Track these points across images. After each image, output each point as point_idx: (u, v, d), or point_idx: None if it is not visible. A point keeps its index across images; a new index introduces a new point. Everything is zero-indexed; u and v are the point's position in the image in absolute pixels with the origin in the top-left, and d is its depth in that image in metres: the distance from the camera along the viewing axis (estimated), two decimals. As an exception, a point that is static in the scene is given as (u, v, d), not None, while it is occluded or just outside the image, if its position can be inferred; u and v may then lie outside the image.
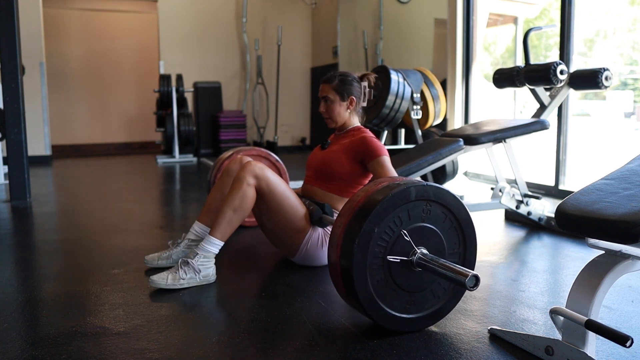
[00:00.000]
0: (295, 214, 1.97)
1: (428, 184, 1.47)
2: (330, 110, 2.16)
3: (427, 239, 1.48)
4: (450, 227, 1.52)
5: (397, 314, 1.46)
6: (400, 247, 1.45)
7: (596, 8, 6.65)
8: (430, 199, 1.46)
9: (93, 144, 8.50)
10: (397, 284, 1.46)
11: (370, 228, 1.39)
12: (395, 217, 1.43)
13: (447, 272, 1.38)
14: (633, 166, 1.32)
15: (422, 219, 1.47)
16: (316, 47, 7.75)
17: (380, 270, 1.44)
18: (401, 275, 1.46)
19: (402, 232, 1.43)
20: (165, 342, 1.45)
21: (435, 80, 4.02)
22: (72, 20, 8.30)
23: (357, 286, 1.40)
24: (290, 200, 1.96)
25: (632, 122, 7.36)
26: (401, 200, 1.42)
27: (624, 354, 1.36)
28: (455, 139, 2.77)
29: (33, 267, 2.21)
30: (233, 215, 1.90)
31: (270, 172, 1.94)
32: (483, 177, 4.58)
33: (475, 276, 1.32)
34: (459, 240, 1.54)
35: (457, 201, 1.51)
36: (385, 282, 1.44)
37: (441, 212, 1.50)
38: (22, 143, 3.71)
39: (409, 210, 1.45)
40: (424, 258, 1.45)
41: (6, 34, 3.60)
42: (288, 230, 1.99)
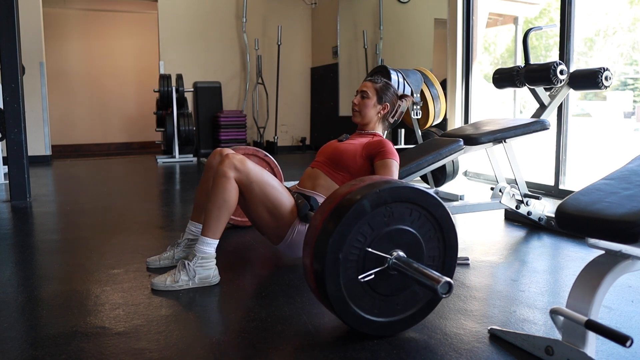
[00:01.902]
0: (281, 204, 1.93)
1: (407, 185, 1.44)
2: (363, 106, 2.22)
3: (404, 241, 1.45)
4: (436, 245, 1.50)
5: (370, 317, 1.43)
6: (385, 241, 1.41)
7: (596, 8, 6.65)
8: (406, 200, 1.42)
9: (93, 144, 8.51)
10: (370, 286, 1.43)
11: (363, 206, 1.36)
12: (389, 209, 1.40)
13: (420, 277, 1.34)
14: (633, 166, 1.32)
15: (414, 224, 1.45)
16: (316, 47, 7.75)
17: (355, 262, 1.40)
18: (376, 277, 1.42)
19: (366, 249, 1.40)
20: (165, 342, 1.45)
21: (435, 80, 4.02)
22: (72, 20, 8.31)
23: (328, 288, 1.37)
24: (274, 190, 1.92)
25: (632, 122, 7.35)
26: (377, 202, 1.38)
27: (624, 354, 1.36)
28: (455, 139, 2.77)
29: (33, 267, 2.21)
30: (219, 211, 1.86)
31: (251, 163, 1.89)
32: (483, 177, 4.58)
33: (448, 283, 1.29)
34: (439, 258, 1.52)
35: (453, 226, 1.49)
36: (358, 284, 1.41)
37: (434, 230, 1.48)
38: (22, 143, 3.71)
39: (406, 209, 1.43)
40: (398, 262, 1.41)
41: (6, 34, 3.60)
42: (274, 219, 1.95)
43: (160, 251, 2.25)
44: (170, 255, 2.13)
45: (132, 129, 8.71)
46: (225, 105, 7.34)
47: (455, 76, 4.80)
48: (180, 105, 6.54)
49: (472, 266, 2.14)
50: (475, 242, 2.58)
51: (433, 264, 1.51)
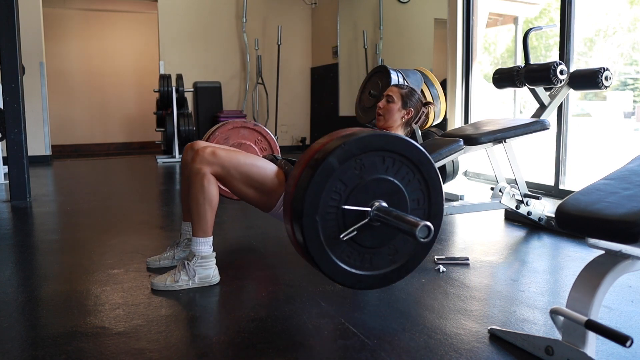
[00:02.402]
0: (264, 178, 1.89)
1: (387, 133, 1.42)
2: (387, 110, 2.29)
3: (390, 195, 1.41)
4: (419, 193, 1.46)
5: (339, 263, 1.40)
6: (362, 193, 1.38)
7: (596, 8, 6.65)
8: (376, 149, 1.39)
9: (93, 144, 8.50)
10: (356, 241, 1.40)
11: (331, 164, 1.33)
12: (359, 161, 1.37)
13: (399, 224, 1.30)
14: (633, 166, 1.32)
15: (389, 172, 1.40)
16: (316, 47, 7.75)
17: (334, 222, 1.37)
18: (360, 231, 1.39)
19: (342, 208, 1.36)
20: (165, 342, 1.45)
21: (435, 80, 4.02)
22: (72, 20, 8.31)
23: (304, 217, 1.33)
24: (254, 168, 1.88)
25: (632, 122, 7.35)
26: (357, 150, 1.34)
27: (624, 354, 1.36)
28: (455, 139, 2.77)
29: (33, 267, 2.21)
30: (203, 210, 1.84)
31: (222, 152, 1.85)
32: (483, 177, 4.58)
33: (427, 226, 1.25)
34: (424, 208, 1.48)
35: (433, 168, 1.45)
36: (335, 225, 1.38)
37: (412, 173, 1.43)
38: (22, 143, 3.71)
39: (378, 158, 1.38)
40: (379, 213, 1.37)
41: (6, 34, 3.60)
42: (261, 194, 1.91)
43: (160, 251, 2.25)
44: (170, 255, 2.13)
45: (132, 129, 8.71)
46: (225, 105, 7.34)
47: (455, 76, 4.80)
48: (180, 105, 6.54)
49: (472, 266, 2.14)
50: (475, 242, 2.58)
51: (419, 207, 1.47)
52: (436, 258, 2.20)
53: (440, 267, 2.09)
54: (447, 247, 2.46)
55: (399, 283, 1.93)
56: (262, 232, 2.79)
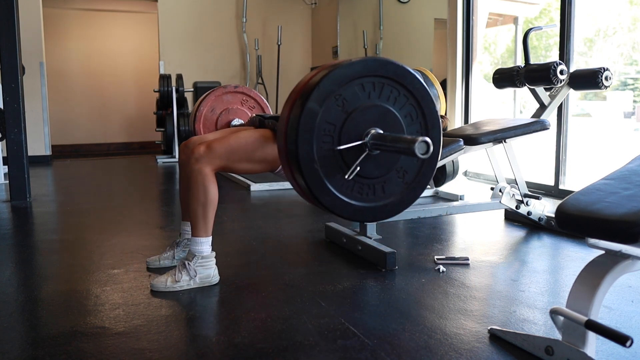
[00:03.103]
0: (263, 150, 1.88)
1: (380, 57, 1.38)
2: None
3: (381, 119, 1.38)
4: (409, 107, 1.43)
5: (352, 202, 1.38)
6: (352, 127, 1.36)
7: (596, 8, 6.65)
8: (351, 79, 1.35)
9: (93, 144, 8.50)
10: (361, 175, 1.38)
11: (312, 110, 1.31)
12: (339, 96, 1.33)
13: (396, 144, 1.28)
14: (633, 166, 1.32)
15: (372, 97, 1.38)
16: (316, 47, 7.75)
17: (331, 153, 1.35)
18: (354, 158, 1.37)
19: (338, 149, 1.33)
20: (165, 342, 1.45)
21: (435, 80, 4.01)
22: (72, 20, 8.30)
23: (304, 170, 1.32)
24: (250, 145, 1.87)
25: (632, 122, 7.35)
26: (333, 86, 1.32)
27: (624, 354, 1.36)
28: (455, 139, 2.77)
29: (33, 267, 2.21)
30: (204, 210, 1.84)
31: (217, 145, 1.84)
32: (483, 177, 4.58)
33: (425, 142, 1.23)
34: (419, 122, 1.45)
35: (414, 77, 1.42)
36: (336, 165, 1.36)
37: (397, 91, 1.41)
38: (22, 143, 3.71)
39: (357, 87, 1.36)
40: (374, 141, 1.35)
41: (6, 34, 3.60)
42: (265, 164, 1.91)
43: (161, 251, 2.25)
44: (170, 255, 2.13)
45: (132, 129, 8.71)
46: (225, 105, 7.33)
47: (455, 76, 4.80)
48: (180, 105, 6.54)
49: (472, 266, 2.14)
50: (475, 242, 2.58)
51: (414, 122, 1.46)
52: (436, 258, 2.20)
53: (440, 267, 2.09)
54: (447, 247, 2.46)
55: (399, 283, 1.93)
56: (262, 232, 2.79)
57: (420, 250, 2.37)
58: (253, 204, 3.62)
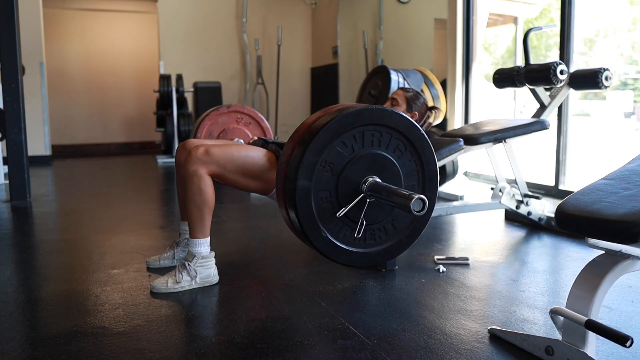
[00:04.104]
0: (260, 167, 1.88)
1: (351, 110, 1.37)
2: None
3: (372, 165, 1.38)
4: (405, 152, 1.43)
5: (369, 250, 1.39)
6: (346, 185, 1.36)
7: (596, 8, 6.65)
8: (380, 123, 1.36)
9: (93, 144, 8.50)
10: (346, 215, 1.38)
11: (312, 157, 1.32)
12: (340, 144, 1.34)
13: (392, 198, 1.29)
14: (633, 166, 1.32)
15: (356, 148, 1.38)
16: (316, 47, 7.75)
17: (327, 199, 1.35)
18: (359, 212, 1.38)
19: (340, 214, 1.35)
20: (165, 342, 1.45)
21: (435, 80, 4.02)
22: (72, 20, 8.30)
23: (315, 243, 1.33)
24: (249, 159, 1.88)
25: (632, 122, 7.36)
26: (345, 126, 1.32)
27: (624, 354, 1.36)
28: (455, 139, 2.77)
29: (33, 267, 2.21)
30: (200, 211, 1.84)
31: (216, 150, 1.84)
32: (483, 177, 4.58)
33: (421, 199, 1.24)
34: (415, 163, 1.45)
35: (389, 113, 1.42)
36: (344, 225, 1.37)
37: (378, 132, 1.40)
38: (22, 143, 3.71)
39: (338, 147, 1.36)
40: (372, 189, 1.36)
41: (6, 34, 3.60)
42: (259, 181, 1.91)
43: (161, 251, 2.25)
44: (170, 255, 2.13)
45: (132, 129, 8.71)
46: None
47: (455, 76, 4.80)
48: (180, 105, 6.54)
49: (472, 266, 2.14)
50: (475, 242, 2.58)
51: (404, 153, 1.45)
52: (436, 258, 2.20)
53: (440, 267, 2.09)
54: (447, 247, 2.46)
55: (399, 283, 1.93)
56: (262, 232, 2.79)
57: (420, 250, 2.37)
58: (253, 204, 3.62)
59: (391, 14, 6.64)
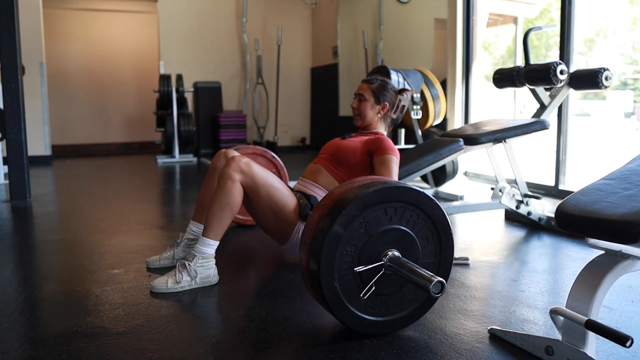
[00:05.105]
0: (285, 206, 1.93)
1: (402, 185, 1.43)
2: (362, 109, 2.22)
3: (400, 241, 1.45)
4: (426, 230, 1.49)
5: (365, 317, 1.44)
6: (372, 249, 1.42)
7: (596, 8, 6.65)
8: (404, 201, 1.43)
9: (93, 144, 8.50)
10: (365, 284, 1.43)
11: (337, 232, 1.37)
12: (362, 220, 1.40)
13: (413, 277, 1.35)
14: (633, 166, 1.32)
15: (394, 220, 1.44)
16: (316, 47, 7.75)
17: (350, 272, 1.41)
18: (372, 279, 1.43)
19: (356, 270, 1.41)
20: (165, 342, 1.45)
21: (435, 80, 4.02)
22: (72, 20, 8.30)
23: (324, 287, 1.38)
24: (279, 193, 1.92)
25: (632, 122, 7.36)
26: (357, 212, 1.39)
27: (624, 354, 1.36)
28: (455, 139, 2.77)
29: (33, 267, 2.21)
30: (222, 213, 1.86)
31: (256, 166, 1.89)
32: (483, 177, 4.58)
33: (441, 282, 1.30)
34: (435, 243, 1.51)
35: (433, 203, 1.48)
36: (354, 284, 1.42)
37: (416, 215, 1.47)
38: (22, 143, 3.71)
39: (380, 212, 1.42)
40: (392, 265, 1.41)
41: (6, 34, 3.60)
42: (278, 221, 1.95)
43: (161, 251, 2.25)
44: (171, 255, 2.13)
45: (132, 129, 8.71)
46: (225, 105, 7.34)
47: (455, 76, 4.80)
48: (180, 105, 6.54)
49: (472, 266, 2.14)
50: (475, 242, 2.58)
51: (429, 243, 1.50)
52: (436, 258, 2.20)
53: (440, 267, 2.09)
54: (447, 247, 2.46)
55: (399, 283, 1.93)
56: (262, 232, 2.78)
57: (420, 250, 2.37)
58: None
59: (391, 14, 6.64)
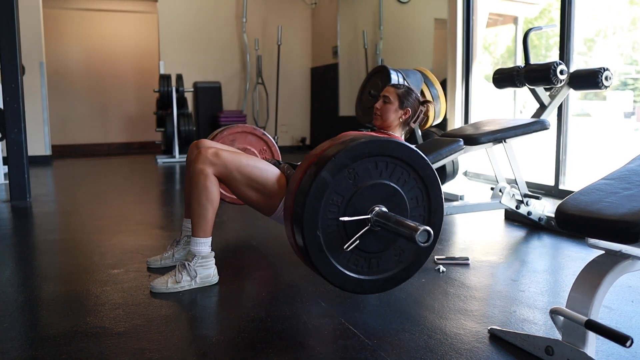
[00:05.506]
0: (266, 181, 1.89)
1: (395, 140, 1.41)
2: (385, 110, 2.22)
3: (388, 198, 1.41)
4: (416, 190, 1.46)
5: (347, 272, 1.41)
6: (359, 201, 1.39)
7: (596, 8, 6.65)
8: (389, 155, 1.39)
9: (93, 144, 8.50)
10: (360, 248, 1.41)
11: (324, 179, 1.33)
12: (352, 170, 1.37)
13: (398, 228, 1.31)
14: (633, 166, 1.32)
15: (384, 175, 1.41)
16: (316, 47, 7.75)
17: (334, 223, 1.38)
18: (362, 237, 1.40)
19: (342, 220, 1.37)
20: (165, 342, 1.45)
21: (435, 80, 4.02)
22: (72, 20, 8.30)
23: (306, 234, 1.35)
24: (256, 170, 1.89)
25: (632, 122, 7.36)
26: (348, 160, 1.35)
27: (624, 354, 1.36)
28: (455, 139, 2.77)
29: (33, 267, 2.21)
30: (204, 210, 1.84)
31: (225, 153, 1.85)
32: (483, 177, 4.58)
33: (427, 231, 1.26)
34: (424, 205, 1.48)
35: (426, 163, 1.45)
36: (338, 236, 1.39)
37: (407, 173, 1.43)
38: (22, 143, 3.71)
39: (370, 164, 1.39)
40: (378, 219, 1.38)
41: (6, 34, 3.60)
42: (263, 196, 1.92)
43: (161, 251, 2.25)
44: (171, 254, 2.14)
45: (132, 129, 8.71)
46: (225, 105, 7.33)
47: (455, 76, 4.80)
48: (180, 105, 6.54)
49: (472, 266, 2.14)
50: (475, 242, 2.58)
51: (419, 205, 1.48)
52: (436, 258, 2.20)
53: (440, 267, 2.09)
54: (447, 247, 2.46)
55: (399, 283, 1.93)
56: (262, 232, 2.79)
57: (420, 250, 2.37)
58: (253, 204, 3.61)
59: (391, 14, 6.64)
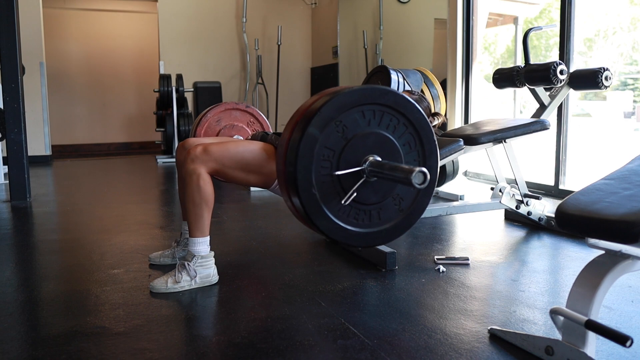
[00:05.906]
0: (261, 162, 1.88)
1: (379, 87, 1.39)
2: None
3: (380, 147, 1.40)
4: (408, 136, 1.44)
5: (349, 227, 1.39)
6: (351, 153, 1.37)
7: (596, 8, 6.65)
8: (375, 102, 1.37)
9: (93, 144, 8.50)
10: (358, 201, 1.39)
11: (312, 134, 1.31)
12: (339, 122, 1.34)
13: (393, 173, 1.29)
14: (633, 166, 1.32)
15: (372, 124, 1.39)
16: (316, 47, 7.75)
17: (329, 178, 1.36)
18: (359, 190, 1.38)
19: (335, 174, 1.35)
20: (165, 342, 1.45)
21: (435, 80, 4.01)
22: (72, 20, 8.30)
23: (301, 193, 1.32)
24: (248, 154, 1.88)
25: (632, 122, 7.36)
26: (334, 113, 1.33)
27: (624, 354, 1.36)
28: (455, 139, 2.77)
29: (33, 267, 2.21)
30: (199, 209, 1.84)
31: (213, 147, 1.84)
32: (483, 177, 4.58)
33: (422, 172, 1.24)
34: (418, 150, 1.46)
35: (413, 107, 1.43)
36: (334, 191, 1.37)
37: (396, 119, 1.41)
38: (22, 143, 3.71)
39: (357, 114, 1.37)
40: (372, 168, 1.36)
41: (6, 34, 3.60)
42: (261, 175, 1.91)
43: (161, 250, 2.25)
44: (171, 253, 2.14)
45: (132, 129, 8.71)
46: (225, 105, 7.33)
47: (455, 76, 4.80)
48: (180, 105, 6.54)
49: (472, 266, 2.14)
50: (475, 242, 2.58)
51: (412, 150, 1.47)
52: (436, 258, 2.20)
53: (440, 267, 2.09)
54: (447, 247, 2.46)
55: (399, 283, 1.93)
56: (262, 232, 2.79)
57: (420, 250, 2.37)
58: (253, 204, 3.62)
59: (391, 14, 6.64)
